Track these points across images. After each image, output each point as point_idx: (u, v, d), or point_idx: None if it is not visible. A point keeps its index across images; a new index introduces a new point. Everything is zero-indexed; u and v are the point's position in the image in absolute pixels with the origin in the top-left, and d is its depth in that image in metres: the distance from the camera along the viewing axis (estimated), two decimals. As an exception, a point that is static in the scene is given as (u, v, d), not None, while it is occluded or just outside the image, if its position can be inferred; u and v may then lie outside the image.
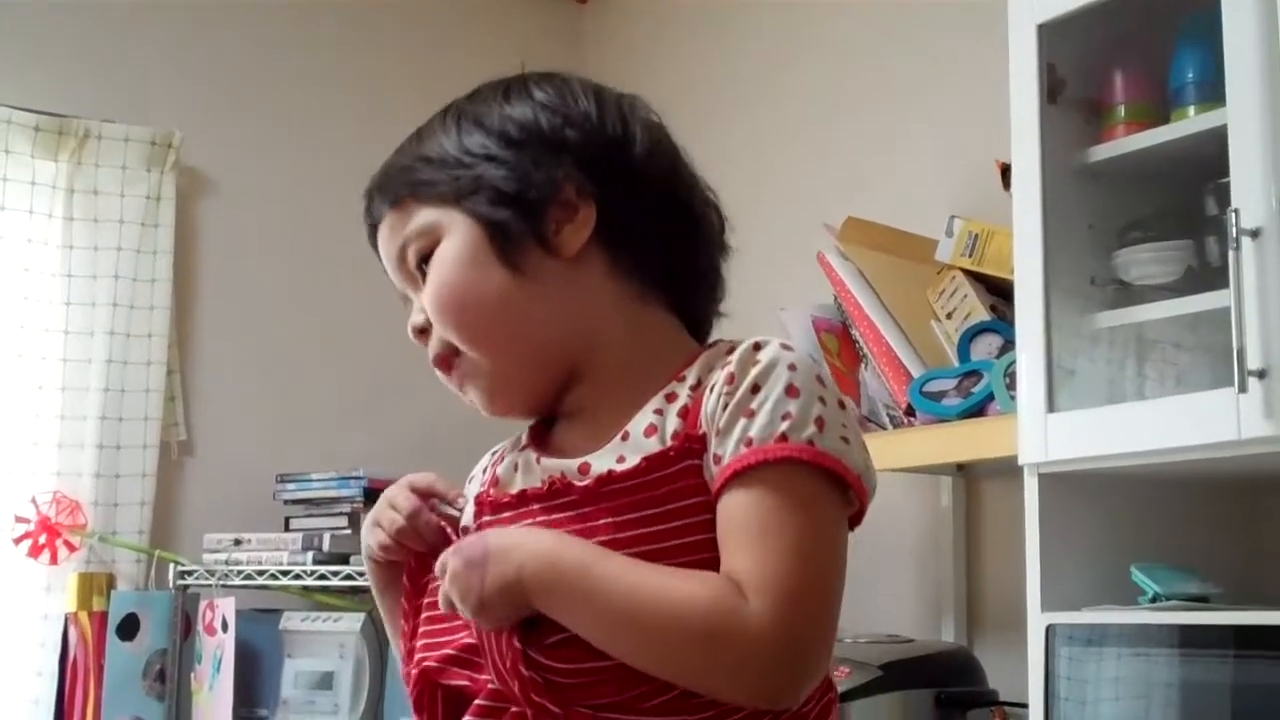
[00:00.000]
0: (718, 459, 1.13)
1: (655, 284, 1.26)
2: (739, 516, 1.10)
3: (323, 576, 3.19)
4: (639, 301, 1.26)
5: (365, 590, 3.25)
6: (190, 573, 3.31)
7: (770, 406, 1.12)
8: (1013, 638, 2.32)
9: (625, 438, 1.18)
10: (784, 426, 1.11)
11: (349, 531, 3.27)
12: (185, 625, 3.31)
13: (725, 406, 1.14)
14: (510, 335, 1.23)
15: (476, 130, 1.25)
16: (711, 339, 1.30)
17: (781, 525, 1.09)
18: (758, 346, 1.17)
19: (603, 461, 1.18)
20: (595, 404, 1.24)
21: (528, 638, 1.13)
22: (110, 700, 3.21)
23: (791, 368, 1.15)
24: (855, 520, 1.18)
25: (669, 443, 1.15)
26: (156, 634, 3.28)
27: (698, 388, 1.18)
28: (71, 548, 3.32)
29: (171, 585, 3.32)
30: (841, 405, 1.17)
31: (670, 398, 1.19)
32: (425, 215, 1.25)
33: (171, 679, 3.28)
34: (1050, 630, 2.12)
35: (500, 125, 1.24)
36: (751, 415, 1.12)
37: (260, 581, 3.26)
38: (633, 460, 1.16)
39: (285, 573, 3.23)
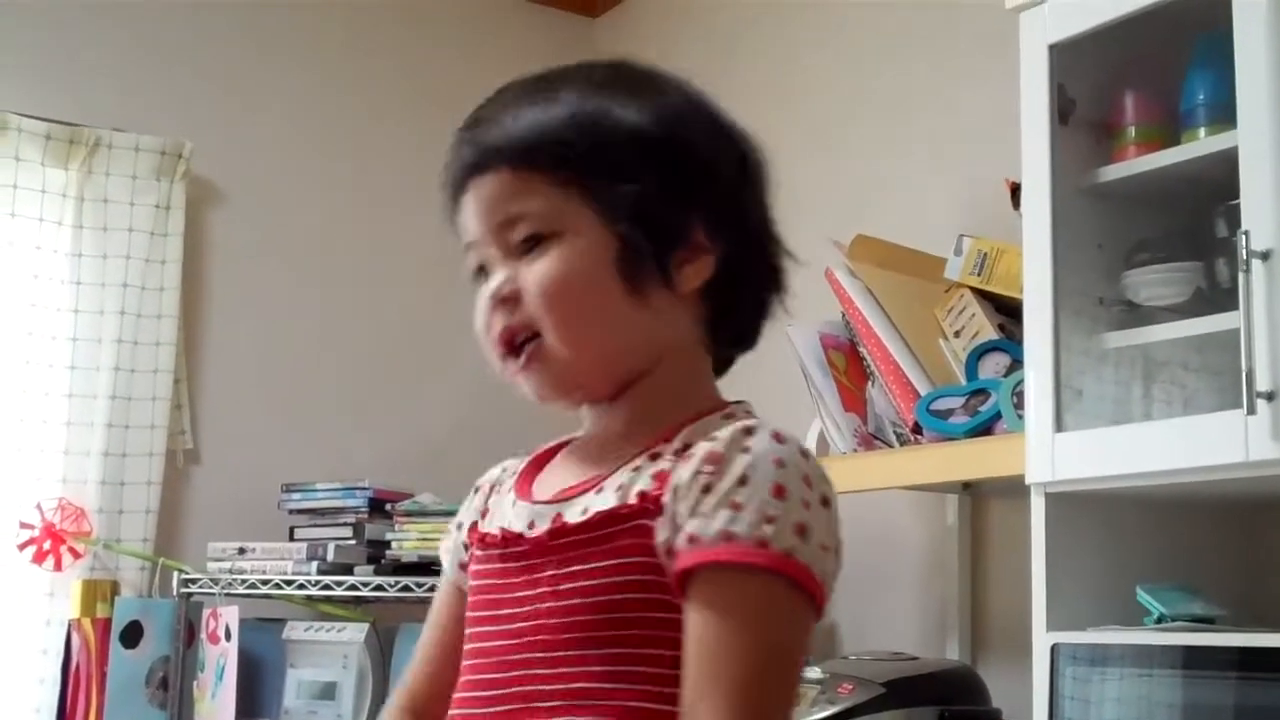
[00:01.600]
0: (692, 538, 1.12)
1: (720, 339, 1.30)
2: (712, 634, 1.10)
3: (326, 586, 3.20)
4: (701, 348, 1.30)
5: (369, 601, 3.26)
6: (194, 581, 3.31)
7: (756, 505, 1.12)
8: (1017, 657, 2.32)
9: (600, 490, 1.21)
10: (768, 531, 1.11)
11: (353, 542, 3.28)
12: (188, 633, 3.31)
13: (706, 489, 1.14)
14: (602, 345, 1.24)
15: (629, 143, 1.24)
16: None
17: (747, 650, 1.10)
18: (748, 432, 1.17)
19: (572, 512, 1.21)
20: (604, 434, 1.28)
21: None
22: (112, 708, 3.21)
23: (780, 464, 1.14)
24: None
25: (631, 500, 1.17)
26: (160, 642, 3.28)
27: (680, 454, 1.19)
28: (76, 554, 3.32)
29: (175, 593, 3.32)
30: (825, 503, 1.16)
31: (654, 457, 1.21)
32: (555, 200, 1.23)
33: (174, 687, 3.28)
34: (1055, 650, 2.11)
35: (653, 144, 1.24)
36: (737, 509, 1.12)
37: (264, 591, 3.26)
38: (589, 514, 1.19)
39: (289, 582, 3.23)
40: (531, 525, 1.23)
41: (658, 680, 1.13)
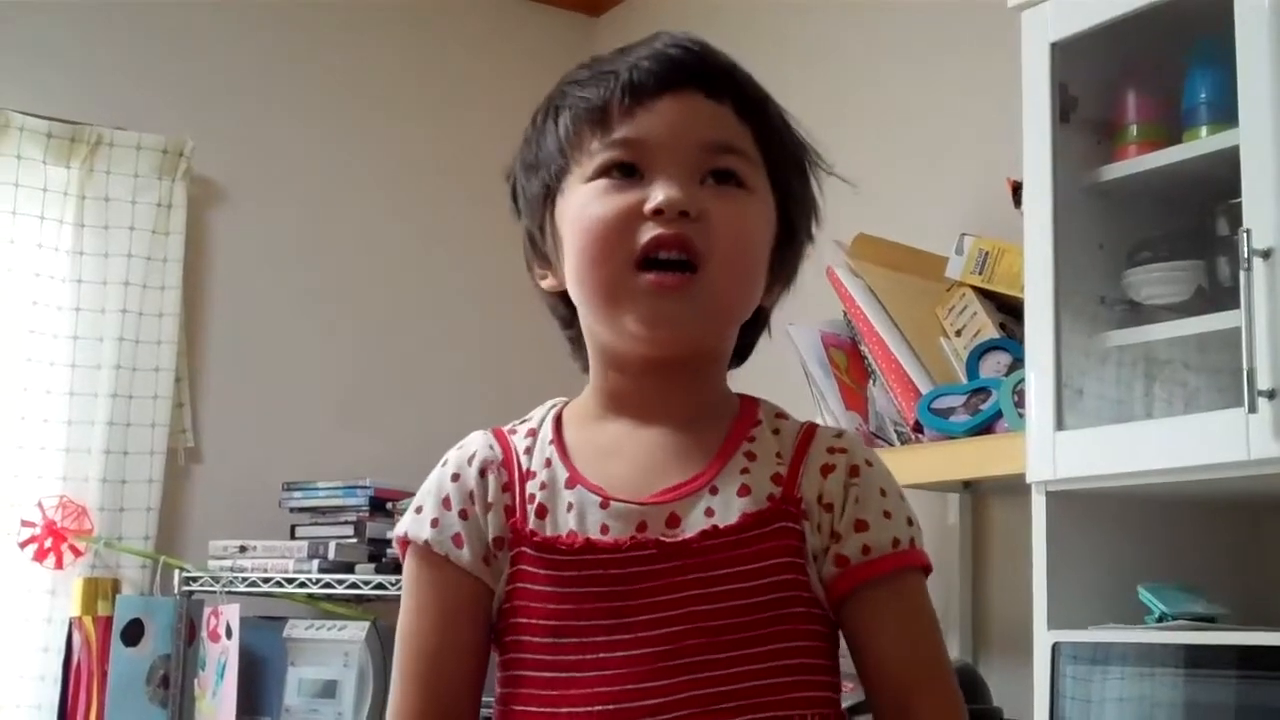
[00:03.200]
0: (866, 548, 1.23)
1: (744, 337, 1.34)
2: (918, 627, 1.30)
3: (328, 585, 3.20)
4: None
5: (370, 599, 3.26)
6: (195, 579, 3.31)
7: (899, 512, 1.26)
8: (1018, 655, 2.32)
9: (714, 492, 1.21)
10: (913, 533, 1.27)
11: (354, 540, 3.28)
12: (189, 631, 3.31)
13: (856, 499, 1.24)
14: (745, 308, 1.27)
15: (801, 146, 1.35)
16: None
17: (939, 634, 1.34)
18: (840, 435, 1.29)
19: (689, 512, 1.20)
20: (662, 410, 1.26)
21: None
22: (113, 706, 3.21)
23: (885, 468, 1.29)
24: None
25: (764, 504, 1.20)
26: (161, 640, 3.28)
27: (781, 457, 1.24)
28: (77, 552, 3.33)
29: (176, 591, 3.33)
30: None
31: (750, 456, 1.23)
32: (752, 154, 1.26)
33: (175, 685, 3.28)
34: (1056, 648, 2.11)
35: (803, 148, 1.35)
36: (889, 517, 1.25)
37: (265, 589, 3.26)
38: (728, 516, 1.20)
39: (290, 580, 3.23)
40: (643, 527, 1.19)
41: (816, 670, 1.20)
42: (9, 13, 3.46)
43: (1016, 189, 2.43)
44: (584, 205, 1.22)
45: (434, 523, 1.26)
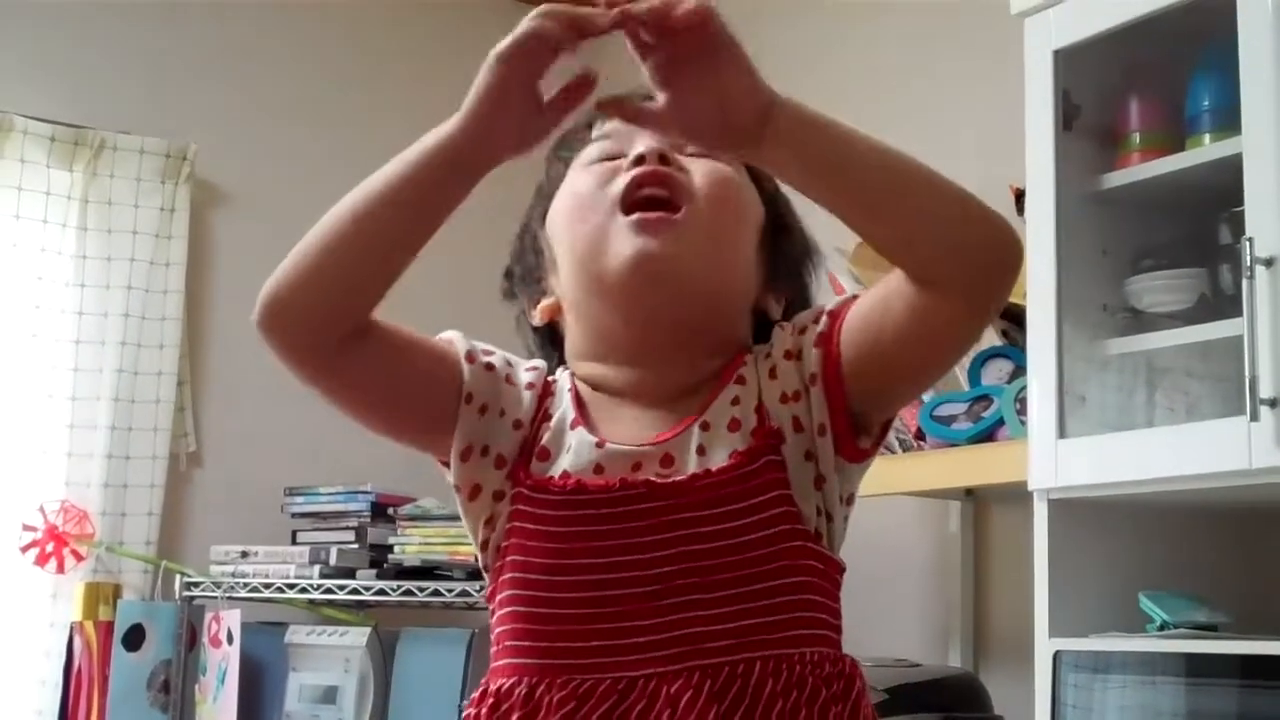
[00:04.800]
0: (823, 337, 1.21)
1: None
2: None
3: (329, 590, 3.19)
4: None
5: (371, 605, 3.26)
6: (197, 584, 3.31)
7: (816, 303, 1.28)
8: (1020, 663, 2.32)
9: (705, 428, 1.21)
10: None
11: (356, 546, 3.28)
12: (190, 637, 3.31)
13: (799, 350, 1.22)
14: (731, 263, 1.27)
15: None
16: None
17: None
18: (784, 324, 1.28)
19: (683, 451, 1.20)
20: (656, 389, 1.26)
21: None
22: (114, 710, 3.21)
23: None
24: None
25: (750, 440, 1.20)
26: (162, 645, 3.28)
27: (761, 383, 1.23)
28: (78, 557, 3.32)
29: (178, 596, 3.32)
30: None
31: (741, 381, 1.23)
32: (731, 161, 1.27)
33: (176, 690, 3.27)
34: (1057, 656, 2.11)
35: None
36: (816, 317, 1.24)
37: (266, 594, 3.26)
38: (719, 456, 1.19)
39: (291, 586, 3.23)
40: (637, 467, 1.20)
41: (814, 608, 1.19)
42: (12, 16, 3.46)
43: (1019, 196, 2.43)
44: (568, 185, 1.28)
45: (486, 355, 1.28)
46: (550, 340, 1.34)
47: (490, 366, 1.27)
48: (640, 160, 1.23)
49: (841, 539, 1.25)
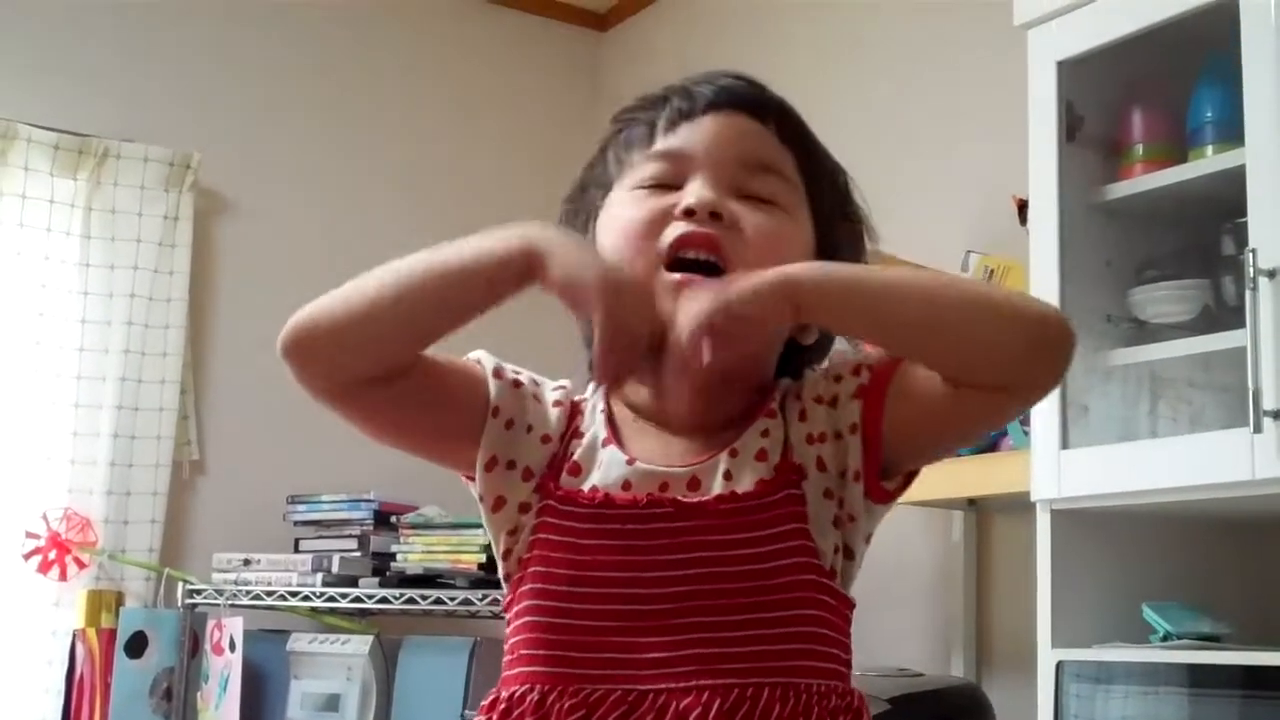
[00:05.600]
0: (864, 390, 1.22)
1: None
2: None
3: (331, 598, 3.19)
4: None
5: (373, 613, 3.26)
6: (199, 592, 3.31)
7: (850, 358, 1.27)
8: (1022, 674, 2.32)
9: (734, 454, 1.21)
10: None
11: (358, 554, 3.28)
12: (193, 644, 3.31)
13: (834, 398, 1.23)
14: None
15: (834, 173, 1.36)
16: None
17: None
18: (814, 370, 1.29)
19: (710, 477, 1.21)
20: (687, 420, 1.26)
21: None
22: (117, 718, 3.21)
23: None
24: None
25: (772, 472, 1.20)
26: (164, 652, 3.28)
27: (788, 421, 1.24)
28: (81, 564, 3.33)
29: (180, 604, 3.32)
30: None
31: (771, 415, 1.24)
32: (791, 177, 1.27)
33: (178, 697, 3.28)
34: (1060, 667, 2.11)
35: (841, 178, 1.37)
36: (855, 370, 1.24)
37: (269, 602, 3.26)
38: (745, 483, 1.20)
39: (294, 594, 3.23)
40: (664, 487, 1.21)
41: (826, 642, 1.20)
42: (16, 25, 3.47)
43: (1022, 207, 2.44)
44: (618, 211, 1.26)
45: (513, 376, 1.29)
46: None
47: (518, 384, 1.28)
48: (690, 213, 1.22)
49: (854, 576, 1.26)
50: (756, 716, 1.15)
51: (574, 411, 1.28)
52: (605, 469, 1.23)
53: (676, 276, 1.21)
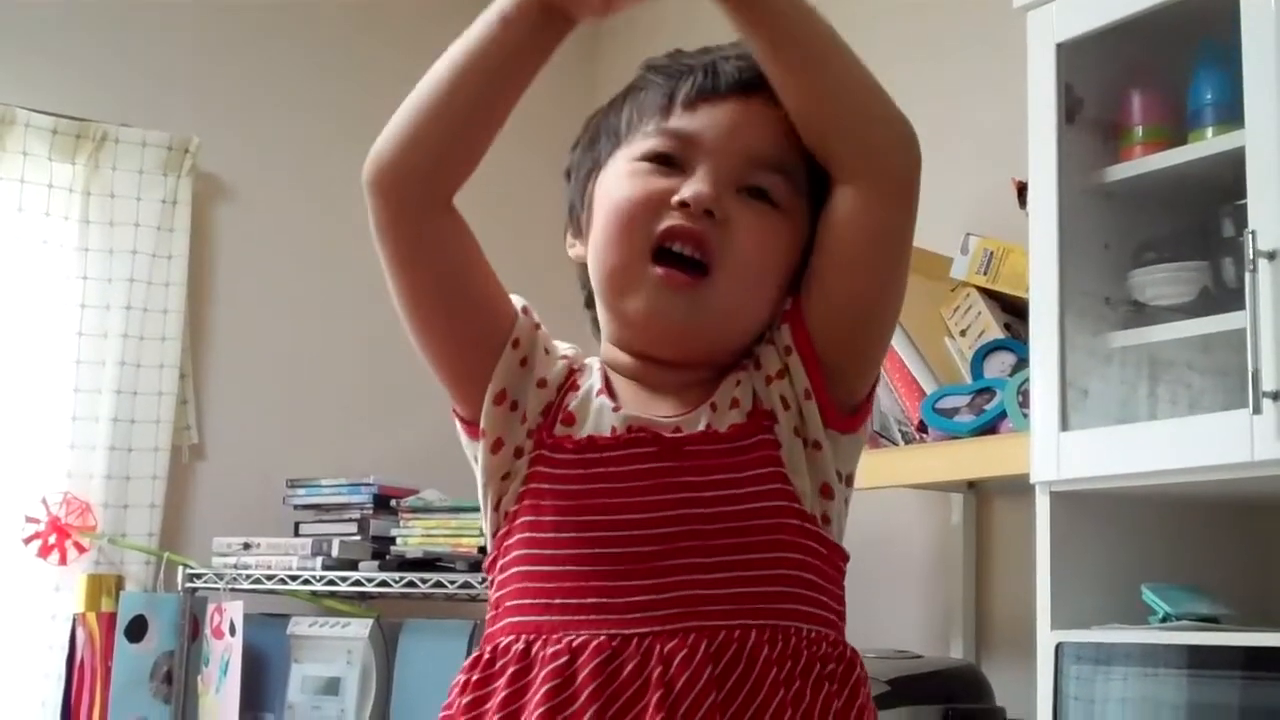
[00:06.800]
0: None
1: None
2: None
3: (331, 582, 3.20)
4: None
5: (374, 597, 3.26)
6: (199, 576, 3.32)
7: None
8: (1022, 655, 2.32)
9: (714, 408, 1.23)
10: None
11: (358, 537, 3.28)
12: (193, 628, 3.32)
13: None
14: (753, 318, 1.27)
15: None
16: None
17: None
18: None
19: (692, 427, 1.23)
20: (669, 383, 1.28)
21: None
22: (117, 702, 3.22)
23: None
24: None
25: (746, 417, 1.23)
26: (164, 636, 3.29)
27: (753, 373, 1.26)
28: (81, 549, 3.33)
29: (180, 588, 3.33)
30: None
31: (743, 368, 1.26)
32: (798, 177, 1.26)
33: (178, 681, 3.28)
34: (1059, 648, 2.12)
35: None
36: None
37: (269, 586, 3.26)
38: (723, 426, 1.22)
39: (294, 578, 3.23)
40: (646, 429, 1.23)
41: (813, 587, 1.21)
42: (14, 9, 3.46)
43: (1022, 189, 2.43)
44: (618, 182, 1.26)
45: (538, 319, 1.31)
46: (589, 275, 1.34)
47: (539, 327, 1.31)
48: (685, 205, 1.22)
49: (843, 523, 1.26)
50: (744, 657, 1.15)
51: (575, 370, 1.30)
52: (596, 417, 1.24)
53: (660, 271, 1.22)
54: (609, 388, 1.28)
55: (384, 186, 1.25)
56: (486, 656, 1.22)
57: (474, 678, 1.22)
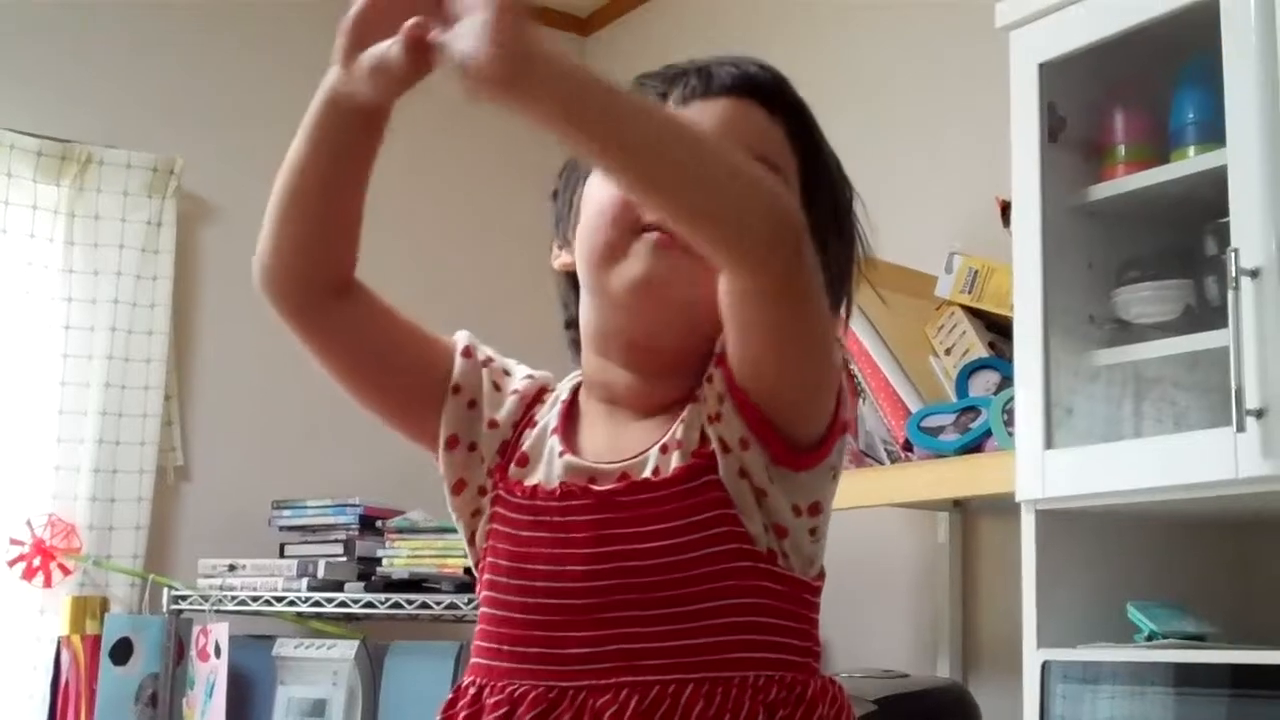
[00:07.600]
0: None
1: None
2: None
3: (317, 603, 3.19)
4: None
5: (359, 618, 3.25)
6: (184, 597, 3.31)
7: None
8: (1008, 674, 2.32)
9: (665, 450, 1.20)
10: None
11: (344, 559, 3.28)
12: (178, 650, 3.30)
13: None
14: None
15: (848, 191, 1.41)
16: None
17: None
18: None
19: (639, 473, 1.20)
20: (633, 395, 1.25)
21: None
22: (102, 725, 3.21)
23: None
24: None
25: (689, 459, 1.18)
26: (149, 658, 3.27)
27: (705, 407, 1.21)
28: (66, 571, 3.32)
29: (165, 610, 3.32)
30: None
31: (696, 401, 1.21)
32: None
33: (163, 704, 3.27)
34: (1046, 667, 2.11)
35: (853, 196, 1.41)
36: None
37: (254, 607, 3.25)
38: (667, 471, 1.18)
39: (280, 599, 3.22)
40: (592, 481, 1.20)
41: (769, 630, 1.17)
42: (-1, 31, 3.46)
43: (1005, 208, 2.44)
44: (607, 179, 1.23)
45: (485, 356, 1.31)
46: (574, 287, 1.32)
47: (487, 363, 1.29)
48: None
49: (810, 552, 1.21)
50: (678, 713, 1.13)
51: (535, 400, 1.29)
52: (547, 462, 1.24)
53: (654, 235, 1.19)
54: (567, 422, 1.26)
55: (270, 292, 1.30)
56: (450, 696, 1.24)
57: (441, 715, 1.24)
